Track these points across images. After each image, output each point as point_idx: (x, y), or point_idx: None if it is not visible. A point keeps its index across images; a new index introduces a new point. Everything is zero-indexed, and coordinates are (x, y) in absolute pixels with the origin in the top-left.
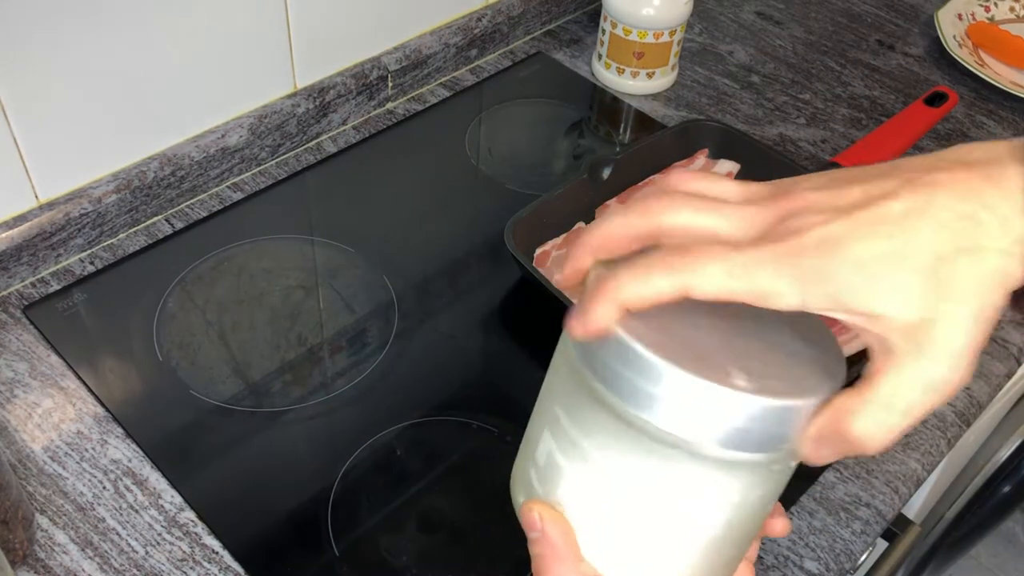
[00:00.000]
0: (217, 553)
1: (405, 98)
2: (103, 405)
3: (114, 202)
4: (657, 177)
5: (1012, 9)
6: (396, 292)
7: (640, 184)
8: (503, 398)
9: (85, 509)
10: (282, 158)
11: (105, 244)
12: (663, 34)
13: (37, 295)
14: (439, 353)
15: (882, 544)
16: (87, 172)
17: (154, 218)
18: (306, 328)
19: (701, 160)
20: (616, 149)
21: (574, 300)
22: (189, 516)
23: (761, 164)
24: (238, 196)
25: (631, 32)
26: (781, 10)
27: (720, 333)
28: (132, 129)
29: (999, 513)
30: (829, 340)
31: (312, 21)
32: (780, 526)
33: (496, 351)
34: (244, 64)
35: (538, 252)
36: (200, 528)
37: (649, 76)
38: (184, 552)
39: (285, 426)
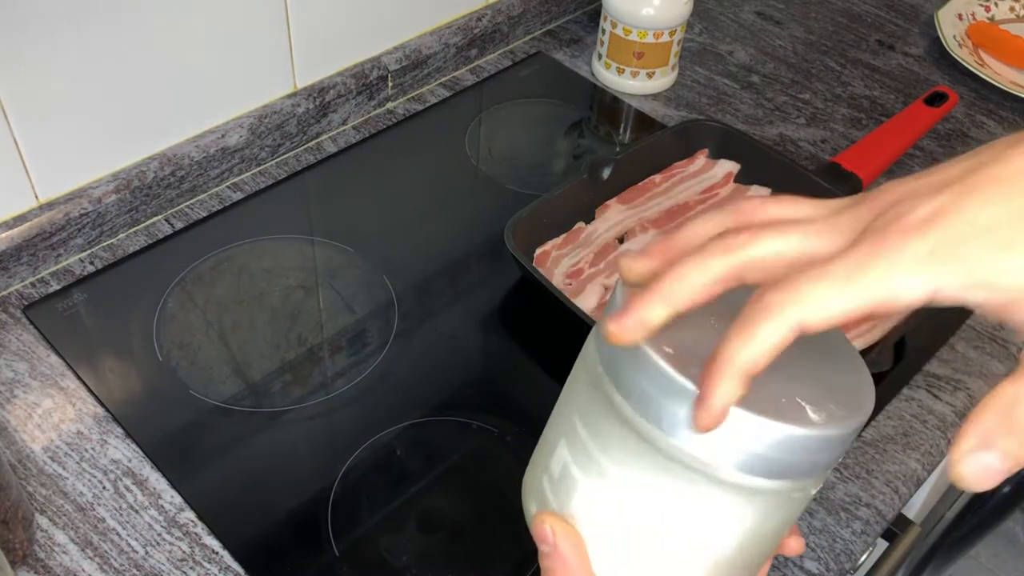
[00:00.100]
0: (217, 553)
1: (405, 98)
2: (103, 405)
3: (114, 202)
4: (709, 215)
5: (1012, 9)
6: (396, 292)
7: (641, 184)
8: (503, 398)
9: (85, 509)
10: (282, 158)
11: (105, 244)
12: (663, 34)
13: (37, 295)
14: (439, 353)
15: (882, 544)
16: (87, 172)
17: (154, 218)
18: (306, 328)
19: (701, 160)
20: (616, 149)
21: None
22: (189, 516)
23: (761, 164)
24: (238, 196)
25: (631, 32)
26: (781, 10)
27: None
28: (132, 129)
29: (999, 513)
30: (856, 362)
31: (312, 21)
32: (794, 545)
33: (496, 351)
34: (244, 64)
35: (538, 252)
36: (200, 528)
37: (649, 76)
38: (184, 552)
39: (285, 426)
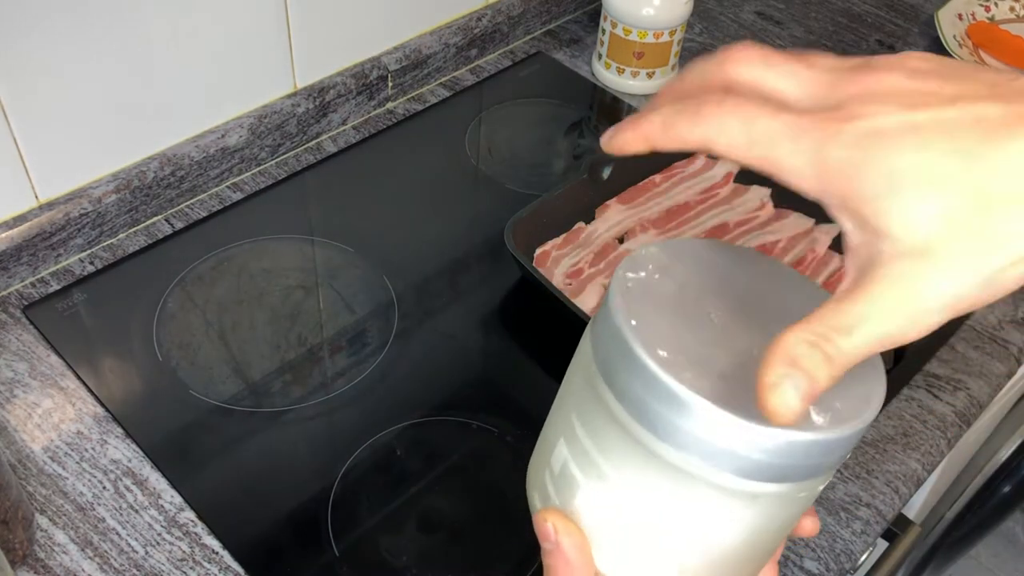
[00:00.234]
0: (217, 553)
1: (405, 98)
2: (103, 405)
3: (114, 202)
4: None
5: (1012, 9)
6: (396, 292)
7: (641, 184)
8: (503, 398)
9: (85, 509)
10: (282, 158)
11: (105, 244)
12: (663, 34)
13: (37, 295)
14: (439, 353)
15: (882, 544)
16: (87, 172)
17: (154, 218)
18: (306, 328)
19: (701, 160)
20: None
21: (575, 301)
22: (189, 516)
23: None
24: (238, 196)
25: (631, 32)
26: (781, 10)
27: (745, 346)
28: (132, 129)
29: (999, 513)
30: None
31: (312, 21)
32: (810, 526)
33: (496, 351)
34: (244, 64)
35: (538, 252)
36: (200, 528)
37: (649, 76)
38: (184, 552)
39: (285, 426)
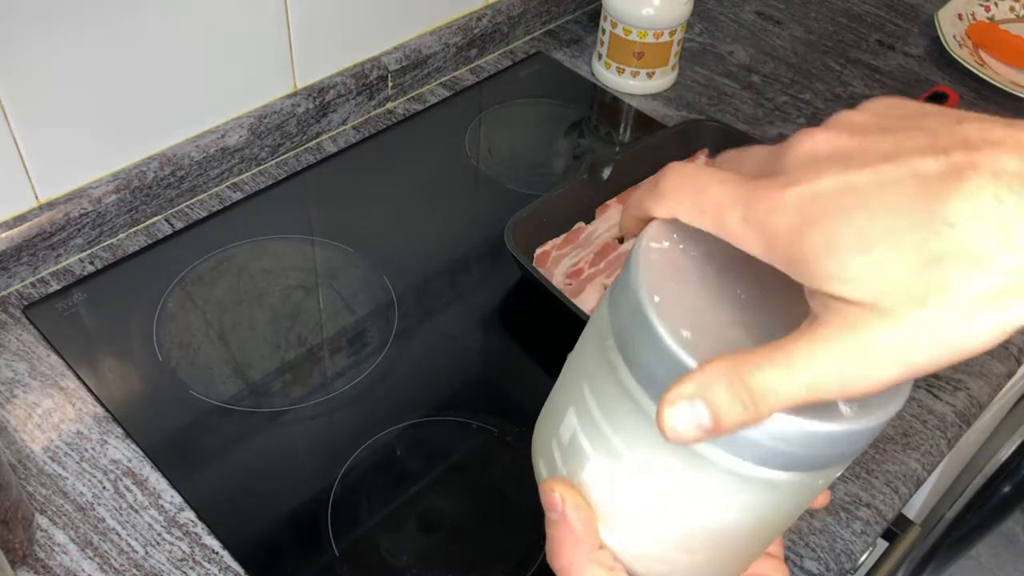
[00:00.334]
0: (217, 553)
1: (405, 98)
2: (103, 405)
3: (114, 202)
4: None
5: (1012, 9)
6: (396, 292)
7: (642, 184)
8: (503, 398)
9: (85, 509)
10: (282, 158)
11: (105, 244)
12: (663, 34)
13: (37, 295)
14: (439, 353)
15: (882, 544)
16: (87, 172)
17: (154, 218)
18: (306, 328)
19: (701, 160)
20: (616, 149)
21: (575, 301)
22: (189, 516)
23: None
24: (238, 196)
25: (631, 32)
26: (781, 10)
27: (770, 328)
28: (132, 129)
29: (999, 513)
30: None
31: (312, 21)
32: (820, 498)
33: (496, 351)
34: (244, 64)
35: (538, 252)
36: (200, 528)
37: (649, 76)
38: (184, 552)
39: (285, 426)
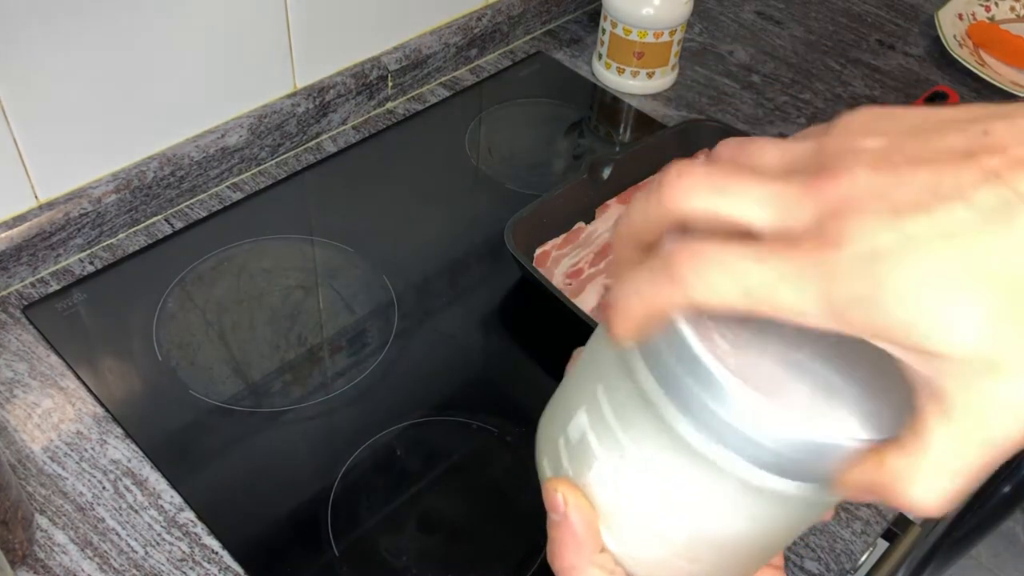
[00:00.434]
0: (217, 553)
1: (405, 98)
2: (103, 405)
3: (114, 202)
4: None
5: (1012, 9)
6: (396, 292)
7: (641, 184)
8: (503, 398)
9: (85, 509)
10: (282, 158)
11: (105, 244)
12: (663, 34)
13: (37, 295)
14: (439, 353)
15: (882, 544)
16: (87, 172)
17: (154, 218)
18: (306, 328)
19: (701, 159)
20: (616, 149)
21: (575, 301)
22: (189, 516)
23: None
24: (238, 196)
25: (631, 32)
26: (781, 10)
27: (787, 336)
28: (132, 129)
29: (999, 513)
30: None
31: (312, 21)
32: (826, 513)
33: (496, 351)
34: (244, 64)
35: (538, 252)
36: (200, 528)
37: (649, 76)
38: (184, 552)
39: (285, 426)
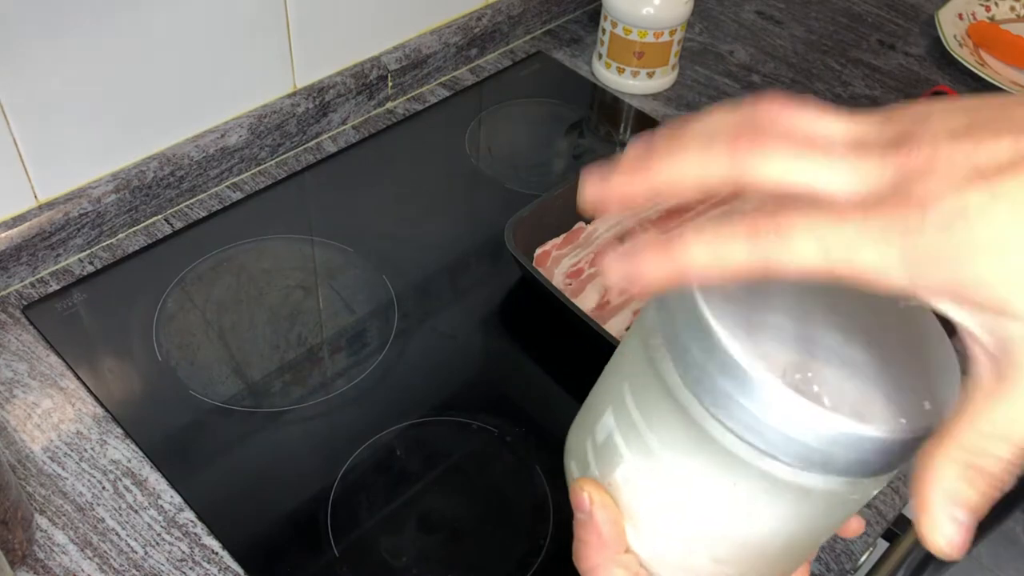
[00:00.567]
0: (217, 553)
1: (405, 98)
2: (102, 405)
3: (113, 202)
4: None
5: (1012, 9)
6: (396, 292)
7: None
8: (503, 398)
9: (84, 509)
10: (282, 158)
11: (104, 244)
12: (663, 33)
13: (36, 295)
14: (439, 353)
15: (883, 544)
16: (86, 172)
17: (153, 218)
18: (306, 328)
19: None
20: (616, 149)
21: (575, 301)
22: (188, 516)
23: None
24: (238, 196)
25: (631, 31)
26: (781, 9)
27: (829, 323)
28: (132, 129)
29: (999, 513)
30: (945, 346)
31: (312, 21)
32: (854, 526)
33: (496, 351)
34: (244, 64)
35: (538, 252)
36: (200, 528)
37: (649, 76)
38: (183, 552)
39: (285, 426)
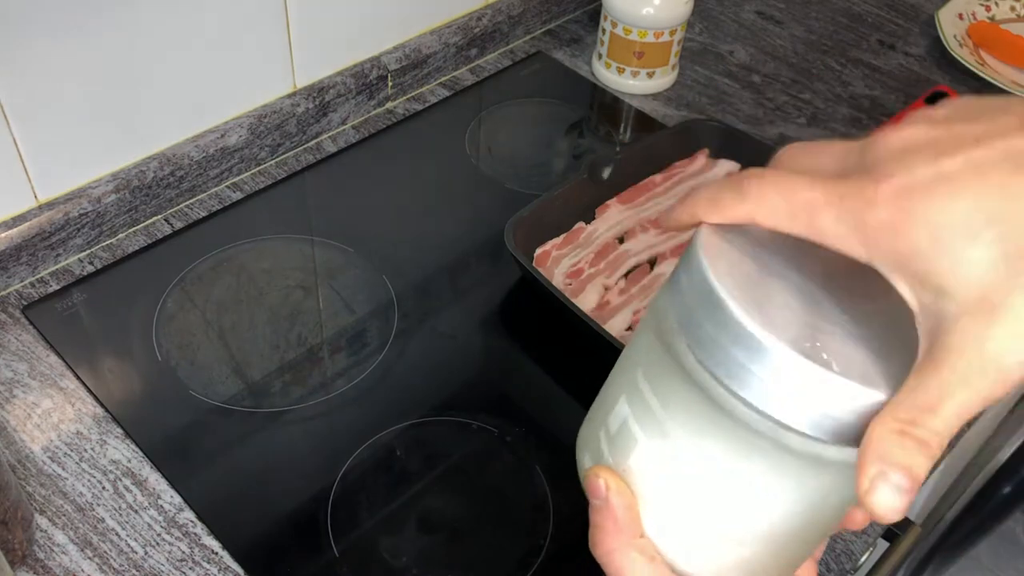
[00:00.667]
0: (217, 553)
1: (405, 98)
2: (102, 405)
3: (113, 202)
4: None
5: (1012, 9)
6: (396, 292)
7: (641, 184)
8: (503, 398)
9: (84, 509)
10: (282, 158)
11: (104, 244)
12: (663, 33)
13: (36, 295)
14: (439, 353)
15: (883, 544)
16: (86, 172)
17: (153, 218)
18: (306, 328)
19: (701, 160)
20: (616, 149)
21: (575, 301)
22: (188, 516)
23: (761, 164)
24: (238, 196)
25: (631, 31)
26: (781, 9)
27: (830, 302)
28: (132, 129)
29: (999, 513)
30: None
31: (312, 20)
32: (860, 517)
33: (496, 351)
34: (244, 64)
35: (538, 252)
36: (200, 528)
37: (649, 76)
38: (183, 552)
39: (285, 426)
